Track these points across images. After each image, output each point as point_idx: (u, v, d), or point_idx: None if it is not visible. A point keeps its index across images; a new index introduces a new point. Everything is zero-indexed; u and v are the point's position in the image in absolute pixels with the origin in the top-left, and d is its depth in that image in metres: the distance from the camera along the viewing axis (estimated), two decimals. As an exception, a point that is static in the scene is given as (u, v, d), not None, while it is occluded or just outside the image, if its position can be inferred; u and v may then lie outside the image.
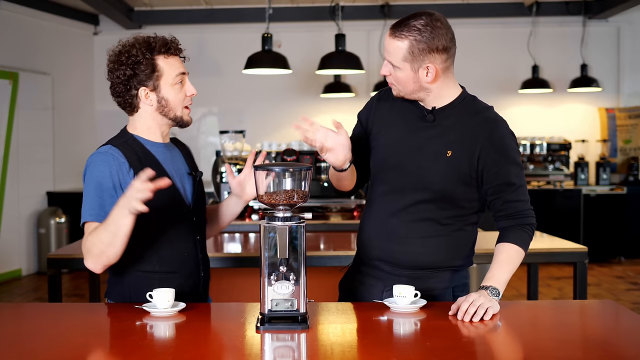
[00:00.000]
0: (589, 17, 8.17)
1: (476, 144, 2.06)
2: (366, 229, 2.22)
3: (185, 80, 2.17)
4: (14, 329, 1.92)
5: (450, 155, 2.07)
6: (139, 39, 2.12)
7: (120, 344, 1.78)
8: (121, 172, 2.06)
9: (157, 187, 1.87)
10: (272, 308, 1.82)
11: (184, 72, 2.15)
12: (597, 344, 1.77)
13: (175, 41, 2.17)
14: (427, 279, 2.14)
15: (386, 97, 2.23)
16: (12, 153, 7.09)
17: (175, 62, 2.14)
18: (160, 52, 2.11)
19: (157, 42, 2.11)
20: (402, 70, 2.04)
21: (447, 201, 2.10)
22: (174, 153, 2.23)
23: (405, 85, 2.07)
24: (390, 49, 2.04)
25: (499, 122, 2.10)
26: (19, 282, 6.95)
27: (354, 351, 1.65)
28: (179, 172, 2.19)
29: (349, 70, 5.74)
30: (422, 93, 2.09)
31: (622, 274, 7.10)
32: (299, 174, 1.85)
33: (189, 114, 2.19)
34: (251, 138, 7.55)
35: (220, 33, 8.34)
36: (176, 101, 2.13)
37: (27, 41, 7.39)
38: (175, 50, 2.15)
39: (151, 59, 2.09)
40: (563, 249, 3.49)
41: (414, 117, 2.15)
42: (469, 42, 8.29)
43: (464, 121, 2.09)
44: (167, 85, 2.11)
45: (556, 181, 7.89)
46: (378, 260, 2.17)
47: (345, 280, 2.35)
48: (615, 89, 8.49)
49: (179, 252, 2.14)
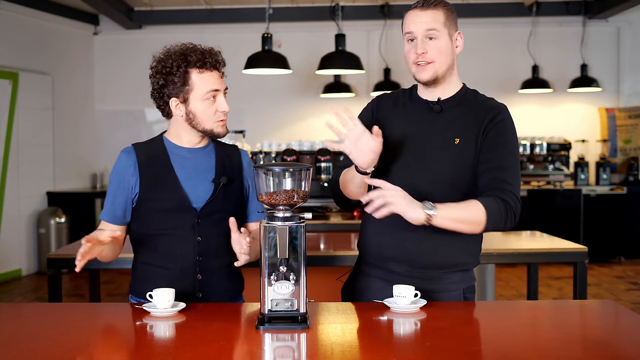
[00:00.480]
0: (589, 17, 8.17)
1: (480, 127, 2.09)
2: (374, 230, 2.17)
3: (219, 96, 2.16)
4: (14, 329, 1.92)
5: (458, 142, 2.08)
6: (176, 50, 2.14)
7: (121, 344, 1.78)
8: (127, 174, 2.18)
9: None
10: (272, 308, 1.82)
11: (217, 88, 2.15)
12: (597, 344, 1.76)
13: (215, 55, 2.17)
14: (440, 279, 2.12)
15: (386, 99, 2.24)
16: (12, 153, 7.09)
17: (209, 78, 2.14)
18: (195, 65, 2.12)
19: (195, 54, 2.13)
20: (442, 38, 2.07)
21: (454, 191, 2.06)
22: (201, 157, 2.24)
23: (445, 56, 2.08)
24: (427, 19, 2.06)
25: (502, 108, 2.14)
26: (19, 282, 6.95)
27: (354, 351, 1.65)
28: (195, 175, 2.20)
29: (349, 70, 5.74)
30: (449, 71, 2.11)
31: (622, 274, 7.10)
32: (299, 174, 1.85)
33: (222, 126, 2.19)
34: (251, 138, 7.55)
35: (220, 33, 8.33)
36: (204, 116, 2.15)
37: (27, 41, 7.40)
38: (212, 65, 2.15)
39: (185, 72, 2.12)
40: (563, 249, 3.49)
41: (419, 112, 2.16)
42: (469, 42, 8.22)
43: (468, 110, 2.12)
44: (197, 99, 2.14)
45: (556, 181, 7.89)
46: (391, 261, 2.14)
47: (349, 285, 2.31)
48: (615, 89, 8.48)
49: (174, 250, 2.18)
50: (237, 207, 2.28)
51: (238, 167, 2.30)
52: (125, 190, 2.18)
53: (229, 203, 2.24)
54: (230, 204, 2.24)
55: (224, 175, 2.23)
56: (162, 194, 2.17)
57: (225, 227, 2.16)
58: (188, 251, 2.18)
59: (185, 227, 2.18)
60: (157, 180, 2.18)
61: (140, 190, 2.17)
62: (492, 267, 4.58)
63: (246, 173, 2.31)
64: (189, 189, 2.19)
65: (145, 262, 2.21)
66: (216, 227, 2.21)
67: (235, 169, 2.29)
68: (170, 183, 2.18)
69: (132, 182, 2.18)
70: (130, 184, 2.18)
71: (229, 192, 2.24)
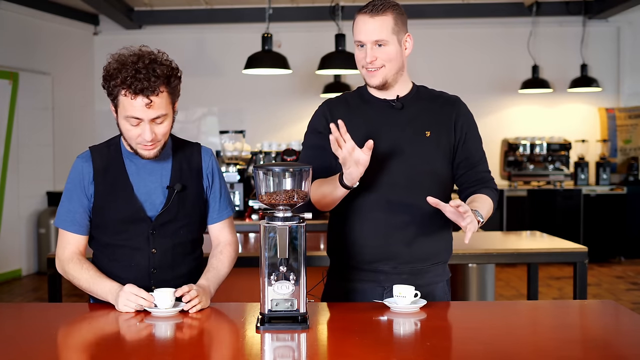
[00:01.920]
0: (589, 17, 8.17)
1: (449, 120, 2.18)
2: (354, 233, 2.15)
3: (143, 125, 1.98)
4: (14, 329, 1.92)
5: (430, 135, 2.14)
6: (118, 59, 1.97)
7: (121, 344, 1.78)
8: (86, 181, 2.12)
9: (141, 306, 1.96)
10: (272, 308, 1.82)
11: (137, 117, 1.96)
12: (597, 344, 1.76)
13: (149, 80, 1.93)
14: (425, 272, 2.17)
15: (335, 104, 2.23)
16: (12, 153, 7.09)
17: (132, 103, 1.95)
18: (122, 85, 1.94)
19: (127, 71, 1.93)
20: (391, 45, 2.09)
21: (433, 182, 2.14)
22: (156, 164, 2.13)
23: (395, 61, 2.11)
24: (376, 26, 2.07)
25: (460, 100, 2.24)
26: (19, 282, 6.95)
27: (354, 351, 1.65)
28: (150, 183, 2.13)
29: (349, 70, 5.74)
30: (400, 73, 2.15)
31: (622, 274, 7.10)
32: (299, 174, 1.85)
33: (147, 150, 2.03)
34: (251, 138, 7.55)
35: (220, 33, 8.33)
36: (127, 136, 2.04)
37: (27, 41, 7.39)
38: (140, 91, 1.93)
39: (114, 85, 1.96)
40: (563, 249, 3.49)
41: (379, 111, 2.17)
42: (469, 42, 8.29)
43: (428, 104, 2.19)
44: (121, 117, 2.01)
45: (556, 181, 7.89)
46: (377, 262, 2.14)
47: (330, 293, 2.26)
48: (615, 89, 8.48)
49: (129, 260, 2.12)
50: (196, 213, 2.18)
51: (197, 169, 2.18)
52: (85, 198, 2.12)
53: (185, 210, 2.14)
54: (187, 211, 2.15)
55: (180, 181, 2.13)
56: (116, 204, 2.10)
57: (182, 237, 2.13)
58: (142, 263, 2.12)
59: (140, 237, 2.11)
60: (112, 189, 2.11)
61: (95, 199, 2.11)
62: (492, 267, 4.59)
63: (206, 172, 2.19)
64: (143, 197, 2.11)
65: (101, 268, 2.13)
66: (171, 238, 2.13)
67: (194, 171, 2.17)
68: (125, 192, 2.10)
69: (90, 190, 2.11)
70: (90, 192, 2.11)
71: (185, 199, 2.14)
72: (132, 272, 2.11)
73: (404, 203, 2.11)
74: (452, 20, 8.00)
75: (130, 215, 2.11)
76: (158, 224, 2.12)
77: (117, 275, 2.11)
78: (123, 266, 2.13)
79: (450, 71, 8.13)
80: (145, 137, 1.99)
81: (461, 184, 2.21)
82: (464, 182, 2.20)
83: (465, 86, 7.54)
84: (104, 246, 2.16)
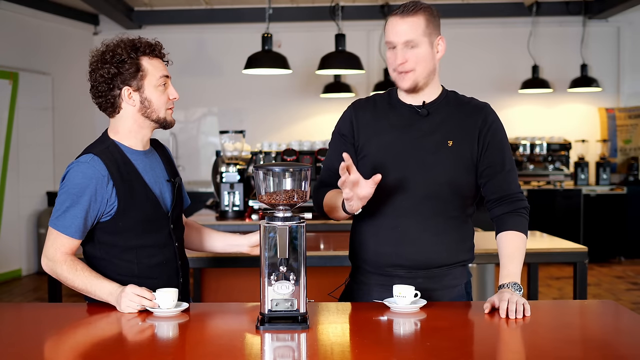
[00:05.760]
0: (589, 17, 8.17)
1: (474, 129, 2.12)
2: (369, 238, 2.16)
3: (169, 84, 2.17)
4: (14, 329, 1.92)
5: (452, 144, 2.10)
6: (124, 40, 2.13)
7: (122, 344, 1.78)
8: (100, 186, 2.04)
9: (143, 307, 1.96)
10: (272, 308, 1.82)
11: (167, 75, 2.15)
12: (597, 344, 1.76)
13: (159, 45, 2.18)
14: (443, 276, 2.15)
15: (363, 105, 2.22)
16: (12, 153, 7.09)
17: (159, 65, 2.14)
18: (145, 53, 2.11)
19: (142, 43, 2.12)
20: (423, 46, 2.06)
21: (452, 192, 2.11)
22: (153, 160, 2.20)
23: (426, 64, 2.08)
24: (406, 28, 2.05)
25: (489, 107, 2.18)
26: (19, 282, 6.95)
27: (354, 351, 1.65)
28: (157, 180, 2.17)
29: (349, 70, 5.74)
30: (431, 77, 2.12)
31: (622, 274, 7.10)
32: (299, 174, 1.85)
33: (172, 114, 2.19)
34: (251, 138, 7.54)
35: (220, 33, 8.33)
36: (159, 103, 2.13)
37: (27, 41, 7.39)
38: (160, 53, 2.16)
39: (136, 58, 2.09)
40: (563, 249, 3.49)
41: (404, 117, 2.15)
42: (469, 42, 8.29)
43: (455, 112, 2.15)
44: (151, 86, 2.11)
45: (556, 181, 7.90)
46: (391, 266, 2.13)
47: (347, 296, 2.28)
48: (615, 89, 8.49)
49: (158, 260, 2.13)
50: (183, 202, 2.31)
51: (171, 161, 2.32)
52: (96, 204, 2.04)
53: (181, 201, 2.27)
54: (181, 202, 2.28)
55: (172, 172, 2.26)
56: (139, 204, 2.09)
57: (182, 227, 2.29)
58: (171, 258, 2.17)
59: (163, 234, 2.16)
60: (131, 190, 2.09)
61: (119, 203, 2.06)
62: (492, 267, 4.58)
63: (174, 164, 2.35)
64: (157, 194, 2.16)
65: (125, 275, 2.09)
66: (181, 229, 2.26)
67: (172, 163, 2.31)
68: (144, 191, 2.11)
69: (109, 196, 2.05)
70: (107, 197, 2.05)
71: (180, 189, 2.27)
72: (165, 271, 2.14)
73: (420, 212, 2.10)
74: (452, 20, 8.00)
75: (152, 214, 2.13)
76: (174, 218, 2.19)
77: (148, 276, 2.10)
78: (151, 266, 2.12)
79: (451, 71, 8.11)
80: (175, 94, 2.17)
81: (485, 194, 2.15)
82: (487, 193, 2.14)
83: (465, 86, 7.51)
84: (125, 250, 2.10)
